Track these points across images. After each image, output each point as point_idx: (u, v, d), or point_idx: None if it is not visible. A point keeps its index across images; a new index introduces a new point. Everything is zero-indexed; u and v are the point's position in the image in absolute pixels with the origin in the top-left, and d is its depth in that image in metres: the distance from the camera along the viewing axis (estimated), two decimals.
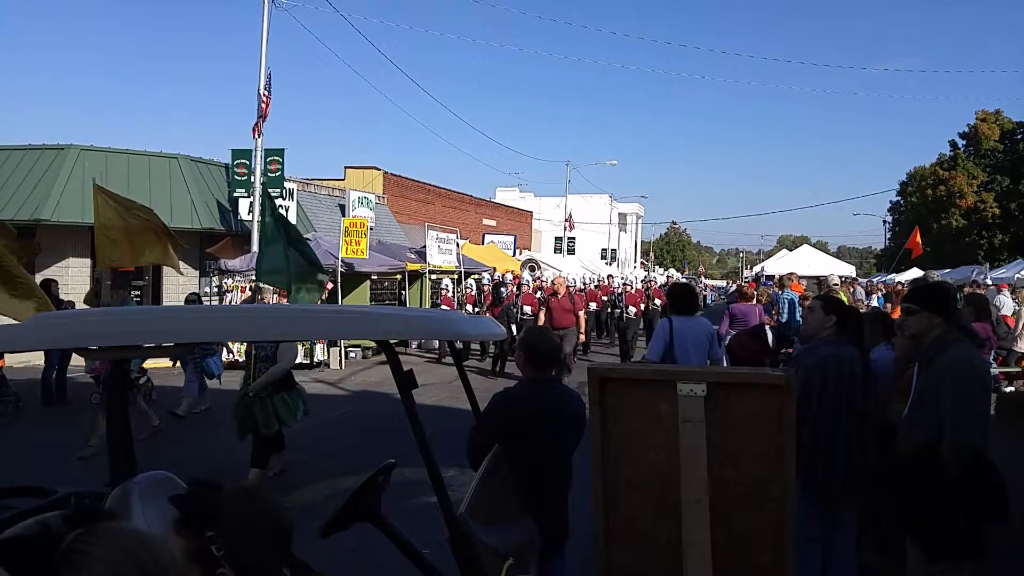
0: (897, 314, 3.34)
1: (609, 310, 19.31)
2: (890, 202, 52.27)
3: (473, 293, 17.23)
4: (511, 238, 29.78)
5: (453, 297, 16.85)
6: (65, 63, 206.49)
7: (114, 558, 1.13)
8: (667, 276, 24.53)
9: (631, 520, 2.71)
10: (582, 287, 20.23)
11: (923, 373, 3.00)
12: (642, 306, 16.80)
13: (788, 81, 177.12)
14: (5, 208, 15.28)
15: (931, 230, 38.60)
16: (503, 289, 15.33)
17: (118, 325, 1.96)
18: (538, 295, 15.23)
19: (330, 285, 14.07)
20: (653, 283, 19.97)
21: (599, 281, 21.34)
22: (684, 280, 31.08)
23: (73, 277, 15.53)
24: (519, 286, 17.33)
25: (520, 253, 28.90)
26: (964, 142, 44.24)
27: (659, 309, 17.88)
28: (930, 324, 2.98)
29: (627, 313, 16.28)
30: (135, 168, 16.34)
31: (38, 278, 14.25)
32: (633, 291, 17.15)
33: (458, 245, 19.22)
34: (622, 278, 19.65)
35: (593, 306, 18.40)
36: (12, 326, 2.14)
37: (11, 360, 10.18)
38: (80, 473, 6.30)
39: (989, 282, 14.55)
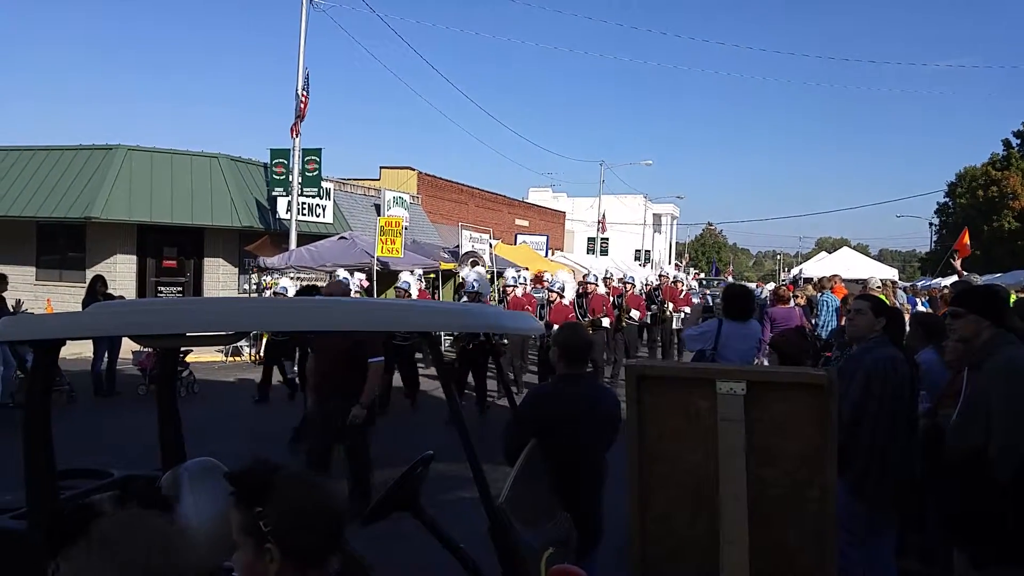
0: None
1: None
2: (937, 204, 50.31)
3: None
4: (543, 238, 29.72)
5: None
6: (110, 64, 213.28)
7: (119, 546, 1.16)
8: (660, 275, 15.55)
9: (667, 518, 2.70)
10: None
11: (972, 377, 2.95)
12: (606, 322, 11.21)
13: (829, 79, 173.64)
14: (58, 206, 15.86)
15: (982, 233, 37.28)
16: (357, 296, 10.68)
17: (173, 314, 2.04)
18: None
19: (366, 283, 14.31)
20: (631, 286, 12.90)
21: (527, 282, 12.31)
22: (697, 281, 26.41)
23: (120, 273, 16.00)
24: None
25: (552, 254, 28.76)
26: (1019, 141, 42.41)
27: (637, 325, 12.77)
28: (978, 327, 2.93)
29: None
30: (178, 167, 16.78)
31: (88, 275, 14.83)
32: (567, 303, 10.64)
33: (491, 245, 19.28)
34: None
35: None
36: (72, 313, 2.24)
37: (64, 351, 10.55)
38: (131, 459, 6.50)
39: None
